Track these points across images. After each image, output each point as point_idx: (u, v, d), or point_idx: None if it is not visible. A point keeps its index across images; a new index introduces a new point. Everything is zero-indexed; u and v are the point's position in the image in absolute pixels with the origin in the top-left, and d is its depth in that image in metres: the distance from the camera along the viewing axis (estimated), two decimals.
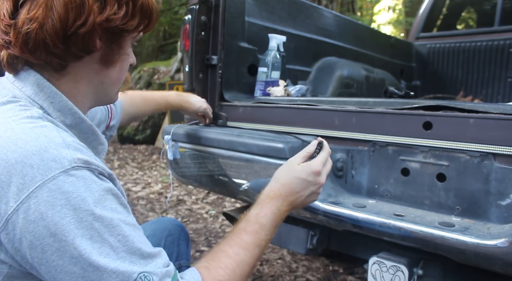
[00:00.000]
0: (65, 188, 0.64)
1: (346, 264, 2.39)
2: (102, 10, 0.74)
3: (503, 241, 0.90)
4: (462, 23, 5.17)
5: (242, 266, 0.82)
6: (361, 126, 1.28)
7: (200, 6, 1.60)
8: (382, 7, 12.53)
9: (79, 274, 0.64)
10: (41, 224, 0.63)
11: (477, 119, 1.05)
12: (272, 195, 0.92)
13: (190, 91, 1.69)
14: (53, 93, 0.77)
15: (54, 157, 0.65)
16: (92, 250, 0.64)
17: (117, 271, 0.65)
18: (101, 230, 0.65)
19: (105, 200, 0.68)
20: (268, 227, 0.88)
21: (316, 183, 0.95)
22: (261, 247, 0.87)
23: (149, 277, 0.68)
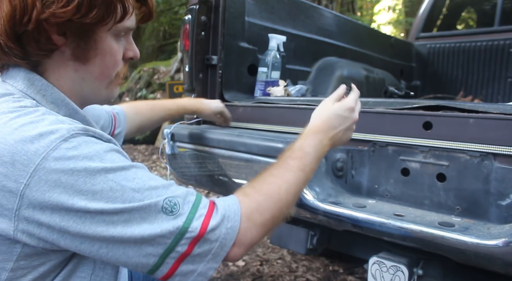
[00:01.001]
0: (70, 153, 0.66)
1: (346, 264, 2.39)
2: (48, 4, 0.70)
3: (503, 241, 0.90)
4: (462, 23, 5.17)
5: (287, 184, 0.85)
6: (361, 126, 1.27)
7: (200, 6, 1.60)
8: (382, 7, 12.53)
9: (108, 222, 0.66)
10: (57, 191, 0.65)
11: (477, 119, 1.05)
12: (314, 130, 0.98)
13: (190, 91, 1.69)
14: (44, 86, 0.77)
15: (52, 130, 0.67)
16: (115, 200, 0.67)
17: (144, 206, 0.68)
18: (117, 179, 0.68)
19: (111, 155, 0.70)
20: (312, 156, 0.93)
21: (351, 118, 1.02)
22: (306, 172, 0.90)
23: (174, 200, 0.71)
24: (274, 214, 0.81)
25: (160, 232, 0.68)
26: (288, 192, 0.85)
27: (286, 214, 0.86)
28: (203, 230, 0.71)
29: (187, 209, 0.72)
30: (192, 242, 0.71)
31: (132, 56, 0.86)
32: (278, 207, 0.82)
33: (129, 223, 0.67)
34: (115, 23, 0.78)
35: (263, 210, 0.80)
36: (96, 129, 0.73)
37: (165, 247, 0.69)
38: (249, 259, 2.49)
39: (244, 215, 0.77)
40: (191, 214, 0.72)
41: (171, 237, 0.69)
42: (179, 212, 0.71)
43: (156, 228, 0.68)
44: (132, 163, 0.73)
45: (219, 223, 0.73)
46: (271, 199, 0.82)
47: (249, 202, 0.80)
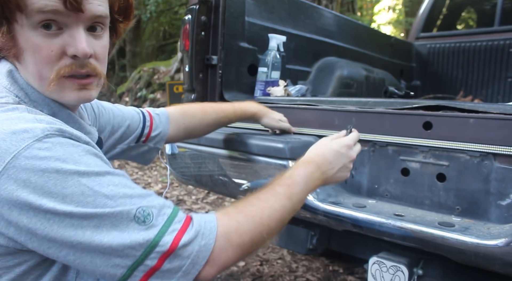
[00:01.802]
0: (42, 154, 0.63)
1: (346, 264, 2.39)
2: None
3: (503, 241, 0.90)
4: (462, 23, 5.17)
5: (271, 210, 0.81)
6: (361, 126, 1.27)
7: (200, 6, 1.60)
8: (382, 7, 12.53)
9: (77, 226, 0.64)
10: (26, 191, 0.62)
11: (477, 119, 1.05)
12: (307, 161, 0.95)
13: (190, 91, 1.69)
14: (25, 85, 0.75)
15: (26, 129, 0.65)
16: (86, 205, 0.64)
17: (116, 213, 0.65)
18: (90, 184, 0.65)
19: (87, 159, 0.67)
20: (301, 186, 0.88)
21: (348, 156, 1.00)
22: (292, 201, 0.86)
23: (148, 210, 0.68)
24: (253, 238, 0.77)
25: (130, 243, 0.65)
26: (271, 218, 0.80)
27: (266, 240, 0.81)
28: (174, 245, 0.67)
29: (161, 221, 0.68)
30: (162, 257, 0.67)
31: (73, 53, 0.72)
32: (259, 231, 0.78)
33: (98, 229, 0.64)
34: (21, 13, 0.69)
35: (242, 232, 0.76)
36: (75, 130, 0.71)
37: (134, 260, 0.66)
38: (249, 259, 2.49)
39: (221, 234, 0.73)
40: (164, 227, 0.68)
41: (141, 250, 0.66)
42: (152, 224, 0.67)
43: (126, 237, 0.65)
44: (109, 169, 0.69)
45: (192, 239, 0.69)
46: (252, 222, 0.77)
47: (228, 221, 0.75)
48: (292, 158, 1.26)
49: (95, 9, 0.73)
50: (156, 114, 1.23)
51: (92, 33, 0.76)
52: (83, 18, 0.72)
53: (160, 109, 1.28)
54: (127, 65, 9.86)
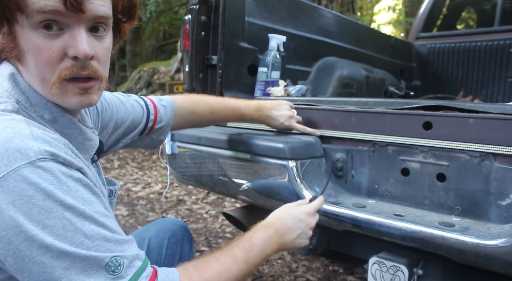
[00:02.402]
0: (32, 179, 0.62)
1: (346, 264, 2.39)
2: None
3: (503, 241, 0.90)
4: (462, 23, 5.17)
5: (227, 274, 0.83)
6: (361, 126, 1.27)
7: (200, 6, 1.60)
8: (382, 7, 12.53)
9: (47, 264, 0.63)
10: (7, 214, 0.61)
11: (477, 119, 1.05)
12: (266, 224, 0.97)
13: (190, 91, 1.69)
14: (27, 89, 0.74)
15: (20, 148, 0.63)
16: (64, 240, 0.63)
17: (90, 257, 0.65)
18: (73, 220, 0.64)
19: (76, 190, 0.66)
20: (258, 249, 0.90)
21: (308, 223, 1.01)
22: (248, 265, 0.87)
23: (120, 260, 0.68)
24: None
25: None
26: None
27: None
28: None
29: (129, 273, 0.69)
30: None
31: (74, 54, 0.70)
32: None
33: (68, 271, 0.63)
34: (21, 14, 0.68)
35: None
36: (68, 155, 0.69)
37: None
38: None
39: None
40: (133, 279, 0.69)
41: None
42: (121, 275, 0.67)
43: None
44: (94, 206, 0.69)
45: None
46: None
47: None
48: (292, 158, 1.26)
49: (97, 9, 0.71)
50: (162, 106, 1.21)
51: (94, 34, 0.74)
52: (85, 18, 0.70)
53: (167, 98, 1.24)
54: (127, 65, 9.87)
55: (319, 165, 1.33)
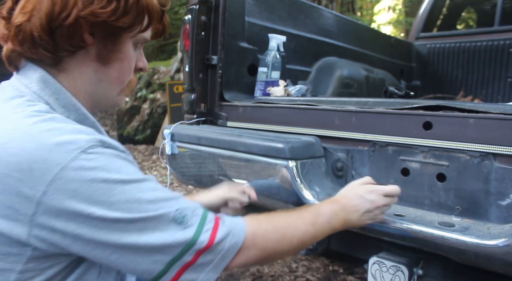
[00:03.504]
0: (89, 165, 0.67)
1: (346, 264, 2.39)
2: (88, 3, 0.74)
3: (503, 241, 0.90)
4: (462, 23, 5.17)
5: (295, 229, 0.89)
6: (361, 126, 1.27)
7: (200, 6, 1.60)
8: (382, 7, 12.53)
9: (121, 232, 0.69)
10: (75, 200, 0.66)
11: (477, 119, 1.05)
12: (333, 200, 1.02)
13: (190, 91, 1.69)
14: (58, 90, 0.78)
15: (70, 140, 0.68)
16: (130, 211, 0.69)
17: (157, 216, 0.72)
18: (133, 191, 0.70)
19: (126, 166, 0.72)
20: (325, 218, 0.95)
21: (373, 201, 1.01)
22: (315, 228, 0.92)
23: (183, 212, 0.75)
24: (275, 247, 0.86)
25: (171, 242, 0.72)
26: (293, 236, 0.89)
27: (285, 254, 0.90)
28: (210, 243, 0.75)
29: (196, 221, 0.76)
30: (198, 253, 0.75)
31: (141, 67, 0.88)
32: (281, 243, 0.87)
33: (143, 232, 0.70)
34: (139, 32, 0.82)
35: (267, 239, 0.85)
36: (111, 140, 0.75)
37: (173, 256, 0.73)
38: None
39: (250, 235, 0.82)
40: (200, 227, 0.76)
41: (180, 247, 0.73)
42: (189, 224, 0.74)
43: (167, 237, 0.72)
44: (144, 175, 0.76)
45: (224, 237, 0.78)
46: (277, 234, 0.87)
47: (258, 226, 0.85)
48: (292, 158, 1.26)
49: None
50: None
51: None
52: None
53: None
54: None
55: (319, 165, 1.33)
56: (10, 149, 0.67)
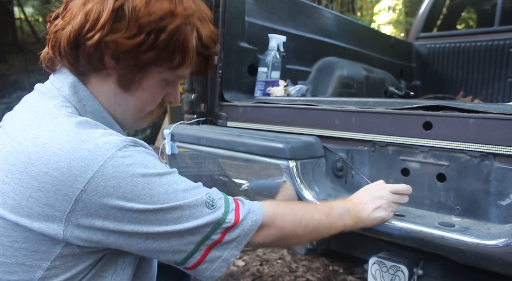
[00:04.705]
0: (127, 161, 0.71)
1: (346, 264, 2.39)
2: (116, 30, 0.75)
3: (503, 241, 0.90)
4: (462, 23, 5.17)
5: (310, 216, 0.94)
6: (361, 126, 1.27)
7: None
8: (382, 7, 12.52)
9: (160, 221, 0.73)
10: (115, 196, 0.69)
11: (477, 119, 1.05)
12: (345, 200, 1.06)
13: (190, 91, 1.69)
14: (87, 96, 0.82)
15: (106, 140, 0.72)
16: (170, 201, 0.74)
17: (193, 202, 0.77)
18: (169, 183, 0.75)
19: (157, 162, 0.77)
20: (338, 213, 0.99)
21: (382, 197, 1.04)
22: (329, 220, 0.97)
23: (211, 196, 0.81)
24: (292, 229, 0.91)
25: (204, 223, 0.77)
26: (308, 221, 0.93)
27: (300, 238, 0.95)
28: (236, 221, 0.81)
29: (222, 203, 0.82)
30: (225, 231, 0.80)
31: (171, 101, 0.89)
32: (297, 226, 0.92)
33: (180, 219, 0.75)
34: (169, 69, 0.83)
35: (285, 220, 0.90)
36: (139, 140, 0.79)
37: (203, 235, 0.78)
38: (249, 259, 2.49)
39: (269, 215, 0.87)
40: (226, 207, 0.82)
41: (210, 226, 0.78)
42: (217, 206, 0.80)
43: (201, 220, 0.77)
44: (173, 169, 0.81)
45: (246, 215, 0.84)
46: (295, 217, 0.92)
47: (277, 208, 0.91)
48: (292, 158, 1.25)
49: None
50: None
51: None
52: None
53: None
54: None
55: (319, 165, 1.33)
56: (49, 148, 0.69)
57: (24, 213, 0.69)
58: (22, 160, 0.69)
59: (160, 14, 0.76)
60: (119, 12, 0.74)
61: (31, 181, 0.68)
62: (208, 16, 0.86)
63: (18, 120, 0.77)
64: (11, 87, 7.66)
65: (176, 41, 0.79)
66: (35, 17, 11.01)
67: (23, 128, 0.74)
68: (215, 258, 0.81)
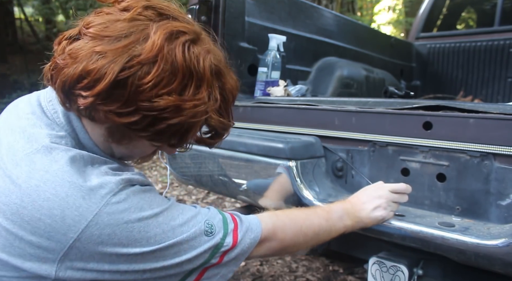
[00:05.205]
0: (122, 207, 0.69)
1: (346, 264, 2.39)
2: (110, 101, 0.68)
3: (503, 241, 0.90)
4: (462, 23, 5.17)
5: (309, 222, 0.94)
6: (361, 126, 1.27)
7: (200, 6, 1.60)
8: (382, 7, 12.52)
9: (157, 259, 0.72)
10: (110, 244, 0.67)
11: (477, 119, 1.05)
12: (344, 201, 1.06)
13: None
14: (79, 128, 0.76)
15: (101, 184, 0.69)
16: (167, 239, 0.72)
17: (191, 235, 0.75)
18: (166, 221, 0.73)
19: (154, 198, 0.75)
20: (337, 215, 0.99)
21: (380, 196, 1.03)
22: (329, 224, 0.97)
23: (210, 221, 0.79)
24: (293, 239, 0.91)
25: (202, 251, 0.76)
26: (308, 228, 0.93)
27: (301, 245, 0.95)
28: (234, 243, 0.80)
29: (221, 226, 0.80)
30: (223, 254, 0.79)
31: (165, 152, 0.88)
32: (298, 236, 0.92)
33: (178, 253, 0.74)
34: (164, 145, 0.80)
35: (286, 231, 0.90)
36: (135, 175, 0.75)
37: (202, 261, 0.77)
38: (249, 259, 2.48)
39: (269, 228, 0.87)
40: (225, 230, 0.80)
41: (209, 252, 0.77)
42: (216, 231, 0.79)
43: (200, 249, 0.76)
44: (170, 201, 0.78)
45: (244, 234, 0.83)
46: (295, 226, 0.91)
47: (276, 220, 0.90)
48: (292, 158, 1.25)
49: None
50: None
51: None
52: None
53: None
54: None
55: (319, 165, 1.33)
56: (43, 193, 0.66)
57: (16, 253, 0.67)
58: (14, 201, 0.66)
59: (163, 105, 0.68)
60: (121, 84, 0.66)
61: (24, 224, 0.66)
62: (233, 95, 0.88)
63: (10, 145, 0.72)
64: (11, 87, 7.67)
65: (176, 132, 0.74)
66: (35, 17, 11.02)
67: (16, 161, 0.69)
68: (213, 275, 0.80)
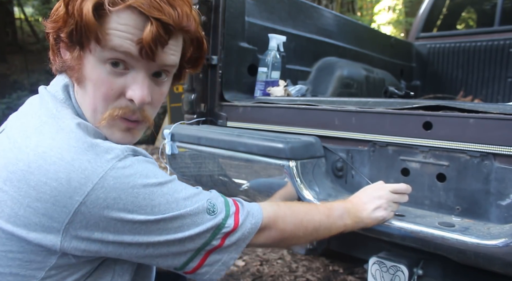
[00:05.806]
0: (128, 172, 0.69)
1: (346, 264, 2.39)
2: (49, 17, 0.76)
3: (503, 241, 0.90)
4: (462, 23, 5.17)
5: (310, 217, 0.94)
6: (361, 126, 1.27)
7: (200, 6, 1.60)
8: (382, 7, 12.52)
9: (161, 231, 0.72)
10: (116, 208, 0.68)
11: (477, 119, 1.05)
12: (345, 200, 1.07)
13: (190, 91, 1.69)
14: (76, 105, 0.79)
15: (107, 149, 0.70)
16: (171, 210, 0.73)
17: (195, 210, 0.76)
18: (170, 192, 0.74)
19: (158, 170, 0.75)
20: (338, 213, 0.99)
21: (380, 196, 1.04)
22: (329, 220, 0.97)
23: (212, 201, 0.80)
24: (293, 230, 0.91)
25: (203, 230, 0.76)
26: (309, 222, 0.93)
27: (301, 239, 0.95)
28: (235, 225, 0.81)
29: (222, 207, 0.81)
30: (225, 236, 0.80)
31: (131, 97, 0.74)
32: (298, 228, 0.92)
33: (181, 227, 0.74)
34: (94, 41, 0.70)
35: (286, 222, 0.90)
36: (139, 148, 0.76)
37: (204, 241, 0.77)
38: (249, 259, 2.48)
39: (270, 216, 0.87)
40: (227, 211, 0.81)
41: (211, 232, 0.78)
42: (218, 211, 0.80)
43: (202, 227, 0.76)
44: (173, 176, 0.79)
45: (245, 218, 0.83)
46: (296, 218, 0.92)
47: (278, 209, 0.91)
48: (292, 158, 1.26)
49: (166, 58, 0.75)
50: None
51: (155, 79, 0.78)
52: (153, 65, 0.74)
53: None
54: None
55: (319, 165, 1.33)
56: (49, 158, 0.67)
57: (21, 223, 0.67)
58: (21, 168, 0.67)
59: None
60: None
61: (30, 191, 0.66)
62: None
63: (23, 125, 0.74)
64: (11, 87, 7.66)
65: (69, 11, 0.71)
66: (35, 17, 11.02)
67: (26, 134, 0.71)
68: (215, 262, 0.80)
